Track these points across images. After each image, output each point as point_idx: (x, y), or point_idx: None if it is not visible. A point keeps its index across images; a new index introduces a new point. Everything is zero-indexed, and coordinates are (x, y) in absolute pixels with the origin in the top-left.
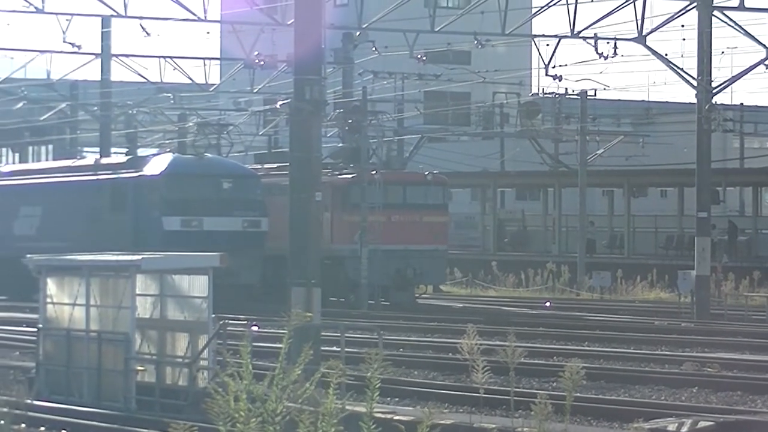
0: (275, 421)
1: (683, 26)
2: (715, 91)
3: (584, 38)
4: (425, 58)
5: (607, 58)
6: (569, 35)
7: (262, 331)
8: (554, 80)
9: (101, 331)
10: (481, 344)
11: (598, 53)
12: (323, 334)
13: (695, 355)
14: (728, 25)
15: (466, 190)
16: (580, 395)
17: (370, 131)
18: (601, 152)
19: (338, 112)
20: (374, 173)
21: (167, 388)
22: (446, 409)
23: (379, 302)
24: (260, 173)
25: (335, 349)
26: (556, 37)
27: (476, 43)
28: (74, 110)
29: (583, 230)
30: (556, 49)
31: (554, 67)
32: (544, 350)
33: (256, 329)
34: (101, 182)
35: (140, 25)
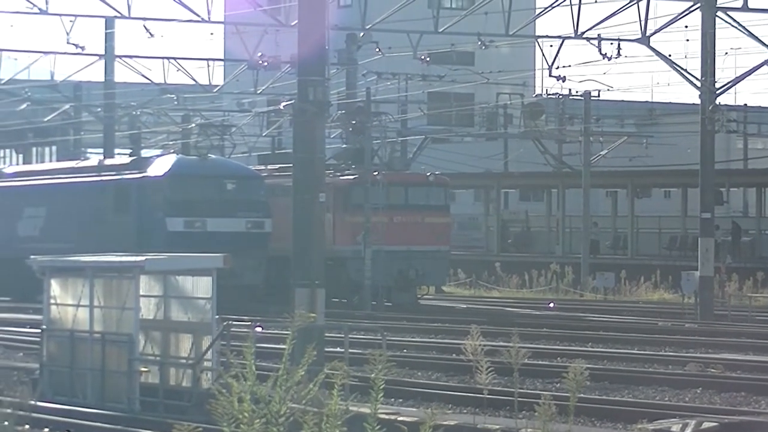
0: (279, 422)
1: (687, 27)
2: (718, 91)
3: (588, 39)
4: (429, 59)
5: (610, 59)
6: (573, 36)
7: (265, 332)
8: (558, 81)
9: (105, 332)
10: (484, 345)
11: (601, 54)
12: (327, 335)
13: (699, 355)
14: (732, 25)
15: (469, 190)
16: (583, 396)
17: (373, 132)
18: (604, 153)
19: (340, 113)
20: (376, 174)
21: (171, 389)
22: (450, 410)
23: (382, 303)
24: (264, 174)
25: (339, 350)
26: (559, 37)
27: (480, 44)
28: (78, 111)
29: (586, 231)
30: (559, 49)
31: (558, 67)
32: (547, 351)
33: (259, 330)
34: (105, 183)
35: (144, 26)
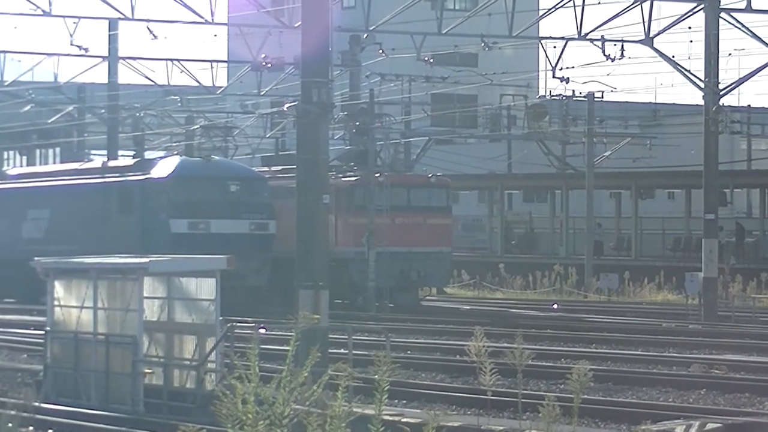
0: (283, 423)
1: (690, 28)
2: (722, 92)
3: (591, 40)
4: (432, 60)
5: (614, 60)
6: (576, 37)
7: (269, 333)
8: (561, 82)
9: (109, 333)
10: (488, 346)
11: (605, 55)
12: (331, 336)
13: (703, 357)
14: (735, 26)
15: (473, 192)
16: (587, 397)
17: (377, 134)
18: (608, 154)
19: (343, 114)
20: (378, 176)
21: (175, 390)
22: (454, 411)
23: (385, 305)
24: (267, 176)
25: (343, 351)
26: (563, 39)
27: (483, 45)
28: (81, 113)
29: (590, 232)
30: (563, 51)
31: (561, 69)
32: (551, 352)
33: (263, 331)
34: (108, 185)
35: (147, 27)
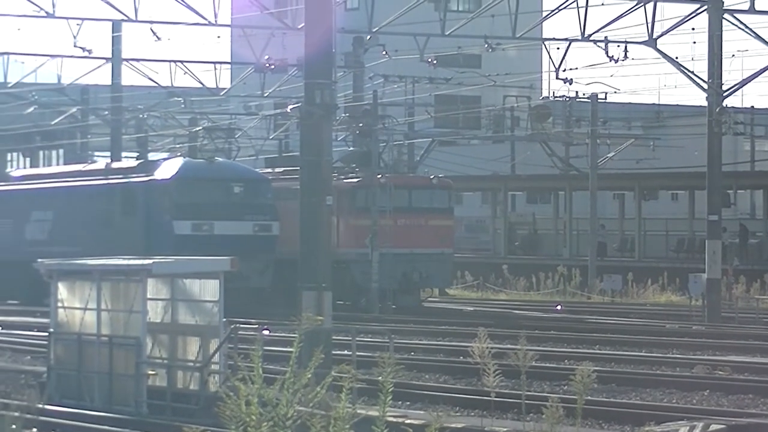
0: (286, 425)
1: (694, 29)
2: (725, 93)
3: (595, 41)
4: (436, 61)
5: (617, 61)
6: (580, 38)
7: (273, 334)
8: (565, 83)
9: (112, 335)
10: (492, 348)
11: (608, 56)
12: (334, 338)
13: (706, 358)
14: (739, 28)
15: (476, 193)
16: (591, 398)
17: (380, 135)
18: (611, 155)
19: (346, 116)
20: (380, 177)
21: (178, 392)
22: (457, 412)
23: (388, 306)
24: (271, 177)
25: (346, 353)
26: (566, 40)
27: (487, 46)
28: (85, 114)
29: (594, 233)
30: (566, 52)
31: (565, 70)
32: (555, 353)
33: (267, 333)
34: (112, 186)
35: (151, 29)
